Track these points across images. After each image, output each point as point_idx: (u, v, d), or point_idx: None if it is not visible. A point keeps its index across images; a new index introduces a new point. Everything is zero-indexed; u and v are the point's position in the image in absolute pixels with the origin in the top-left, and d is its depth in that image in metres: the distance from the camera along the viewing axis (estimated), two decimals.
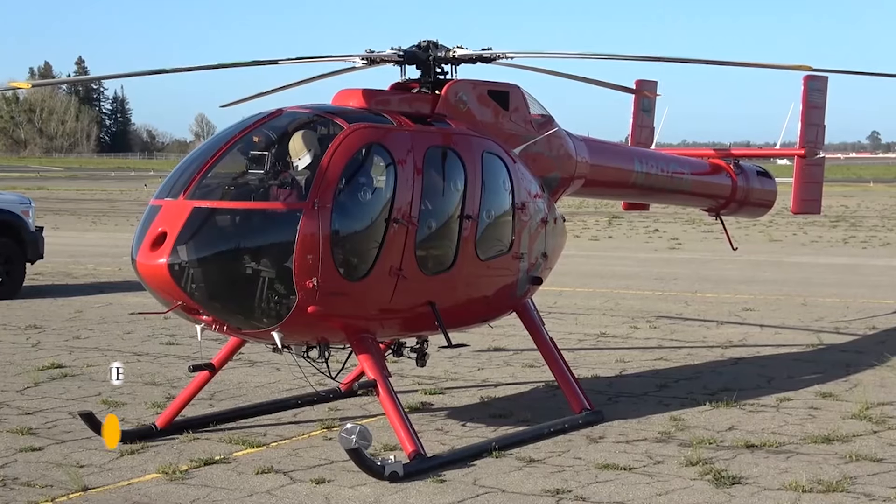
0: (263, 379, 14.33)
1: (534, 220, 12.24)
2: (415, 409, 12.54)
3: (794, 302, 22.47)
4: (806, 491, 9.49)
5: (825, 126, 17.57)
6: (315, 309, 10.06)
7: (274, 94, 12.74)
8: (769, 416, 12.34)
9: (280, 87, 12.78)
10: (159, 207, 10.23)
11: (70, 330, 18.40)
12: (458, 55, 11.98)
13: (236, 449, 10.90)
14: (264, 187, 10.36)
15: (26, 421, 11.96)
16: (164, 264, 9.88)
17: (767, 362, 15.86)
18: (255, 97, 12.80)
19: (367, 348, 10.66)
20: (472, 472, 10.08)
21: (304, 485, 9.72)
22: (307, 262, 9.93)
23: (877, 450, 10.86)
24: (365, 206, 10.55)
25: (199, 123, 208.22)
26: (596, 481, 9.83)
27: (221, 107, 13.52)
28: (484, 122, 12.05)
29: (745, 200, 17.10)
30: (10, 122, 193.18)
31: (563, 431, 11.53)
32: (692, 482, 9.80)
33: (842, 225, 47.69)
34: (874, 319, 19.96)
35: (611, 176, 14.62)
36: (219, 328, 10.41)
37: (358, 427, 9.57)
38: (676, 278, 26.98)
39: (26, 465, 10.27)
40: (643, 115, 17.79)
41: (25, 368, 14.92)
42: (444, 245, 11.21)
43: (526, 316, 12.47)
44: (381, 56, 11.85)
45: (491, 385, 14.12)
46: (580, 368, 14.67)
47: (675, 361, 15.90)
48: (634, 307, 21.57)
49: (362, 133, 10.64)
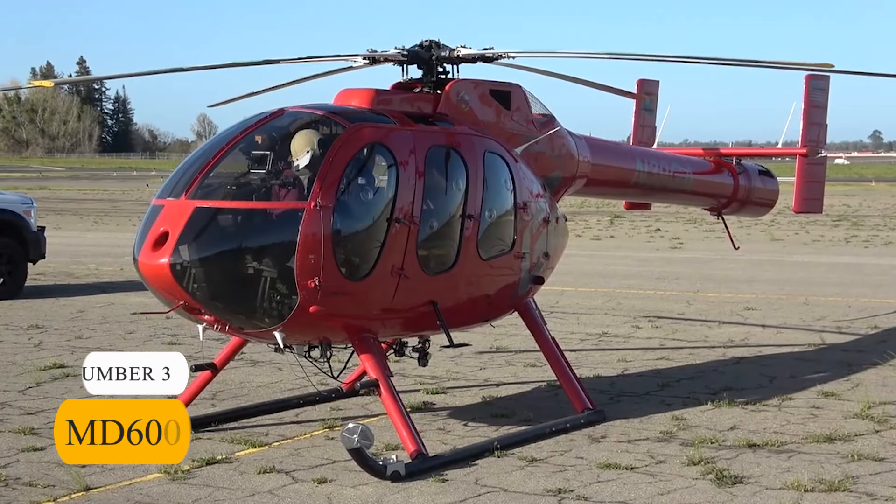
0: (265, 379, 14.33)
1: (535, 219, 12.24)
2: (416, 408, 12.54)
3: (796, 301, 22.46)
4: (808, 490, 9.49)
5: (827, 125, 17.57)
6: (317, 309, 10.06)
7: (270, 94, 12.74)
8: (771, 416, 12.34)
9: (271, 87, 12.74)
10: (161, 207, 10.24)
11: (72, 330, 18.41)
12: (459, 55, 11.98)
13: (238, 449, 10.90)
14: (266, 187, 10.37)
15: (28, 421, 11.96)
16: (166, 264, 9.88)
17: (769, 362, 15.86)
18: (246, 97, 12.78)
19: (369, 348, 10.66)
20: (473, 472, 10.08)
21: (306, 484, 9.72)
22: (309, 261, 9.93)
23: (879, 449, 10.85)
24: (367, 206, 10.56)
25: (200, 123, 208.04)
26: (598, 481, 9.83)
27: (210, 106, 13.48)
28: (486, 121, 12.05)
29: (747, 200, 17.08)
30: (12, 122, 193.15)
31: (564, 431, 11.52)
32: (694, 482, 9.80)
33: (844, 224, 47.66)
34: (876, 319, 19.95)
35: (613, 175, 14.61)
36: (221, 328, 10.42)
37: (360, 427, 9.57)
38: (678, 278, 26.97)
39: (28, 465, 10.28)
40: (645, 114, 17.78)
41: (27, 368, 14.92)
42: (446, 245, 11.21)
43: (528, 315, 12.47)
44: (383, 55, 11.85)
45: (493, 384, 14.12)
46: (582, 368, 14.67)
47: (676, 361, 15.90)
48: (636, 306, 21.56)
49: (364, 133, 10.65)
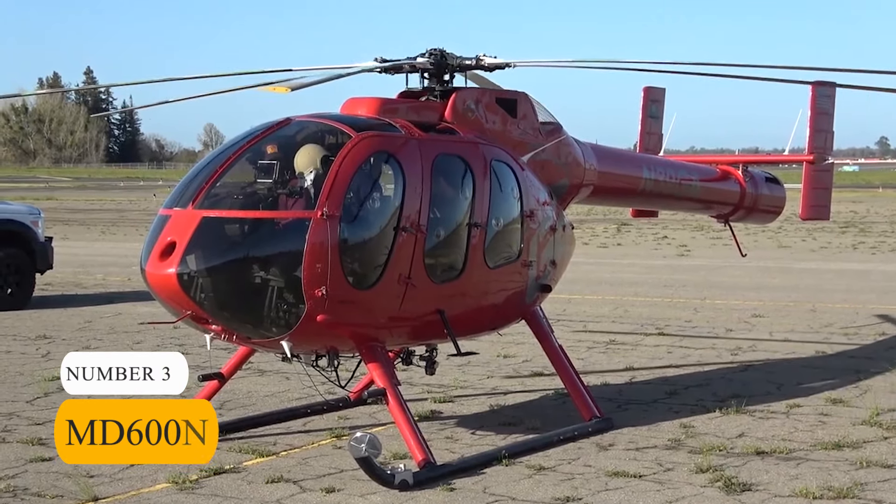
0: (273, 388, 14.34)
1: (542, 227, 12.24)
2: (424, 417, 12.54)
3: (804, 308, 22.43)
4: (816, 497, 9.48)
5: (834, 132, 17.56)
6: (324, 318, 10.06)
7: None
8: (779, 423, 12.32)
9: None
10: (168, 217, 10.25)
11: (80, 340, 18.42)
12: (465, 63, 12.00)
13: (246, 458, 10.90)
14: (273, 196, 10.37)
15: (36, 431, 11.97)
16: (174, 274, 9.89)
17: (777, 369, 15.84)
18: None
19: (377, 357, 10.67)
20: (481, 481, 10.07)
21: (314, 494, 9.72)
22: (316, 270, 9.93)
23: (887, 456, 10.83)
24: (373, 215, 10.56)
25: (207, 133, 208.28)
26: (606, 489, 9.82)
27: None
28: (492, 129, 12.06)
29: (753, 207, 17.07)
30: (19, 132, 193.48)
31: (572, 439, 11.51)
32: (702, 489, 9.79)
33: (851, 231, 47.60)
34: (884, 325, 19.92)
35: (619, 183, 14.61)
36: (228, 337, 10.42)
37: (367, 436, 9.57)
38: (685, 285, 26.95)
39: (37, 476, 10.28)
40: (651, 121, 17.78)
41: (35, 379, 14.93)
42: (453, 253, 11.21)
43: (535, 323, 12.46)
44: (390, 64, 11.86)
45: (500, 393, 14.11)
46: (589, 376, 14.65)
47: (684, 368, 15.89)
48: (643, 314, 21.55)
49: (371, 142, 10.65)
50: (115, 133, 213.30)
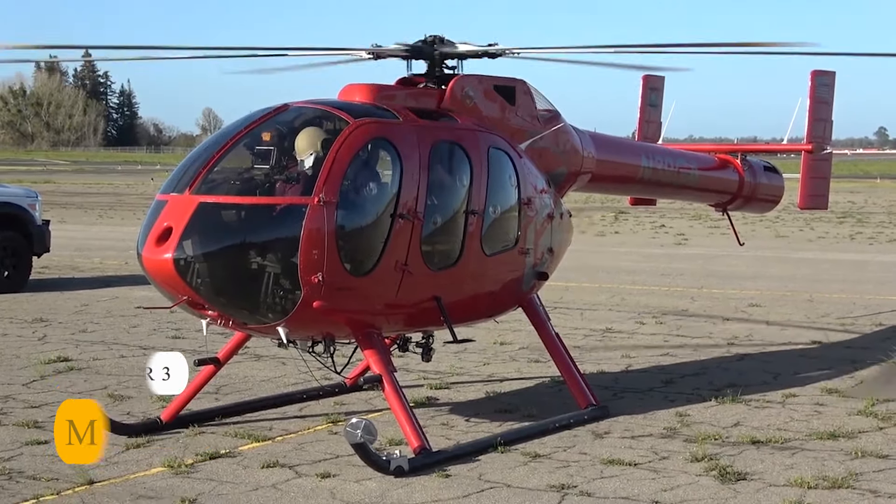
0: (269, 373, 14.34)
1: (540, 215, 12.23)
2: (420, 403, 12.55)
3: (801, 298, 22.44)
4: (811, 487, 9.49)
5: (832, 121, 17.55)
6: (320, 304, 10.06)
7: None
8: (775, 413, 12.33)
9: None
10: (165, 202, 10.24)
11: (76, 323, 18.42)
12: (463, 50, 11.97)
13: (242, 443, 10.91)
14: (270, 182, 10.36)
15: (32, 414, 11.98)
16: (170, 259, 9.88)
17: (773, 358, 15.85)
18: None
19: (373, 343, 10.67)
20: (477, 467, 10.08)
21: (309, 479, 9.73)
22: (312, 257, 9.93)
23: (882, 446, 10.85)
24: (370, 201, 10.55)
25: (206, 117, 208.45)
26: (601, 476, 9.83)
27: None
28: (490, 117, 12.04)
29: (752, 196, 17.06)
30: (17, 115, 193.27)
31: (568, 427, 11.53)
32: (697, 478, 9.80)
33: (849, 221, 47.59)
34: (880, 316, 19.93)
35: (618, 171, 14.60)
36: (224, 323, 10.42)
37: (363, 421, 9.57)
38: (682, 274, 26.95)
39: (32, 459, 10.29)
40: (650, 109, 17.76)
41: (31, 362, 14.94)
42: (450, 240, 11.20)
43: (532, 311, 12.47)
44: (387, 51, 11.84)
45: (496, 380, 14.12)
46: (586, 364, 14.65)
47: (680, 357, 15.89)
48: (640, 302, 21.56)
49: (368, 128, 10.63)
50: (113, 117, 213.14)
